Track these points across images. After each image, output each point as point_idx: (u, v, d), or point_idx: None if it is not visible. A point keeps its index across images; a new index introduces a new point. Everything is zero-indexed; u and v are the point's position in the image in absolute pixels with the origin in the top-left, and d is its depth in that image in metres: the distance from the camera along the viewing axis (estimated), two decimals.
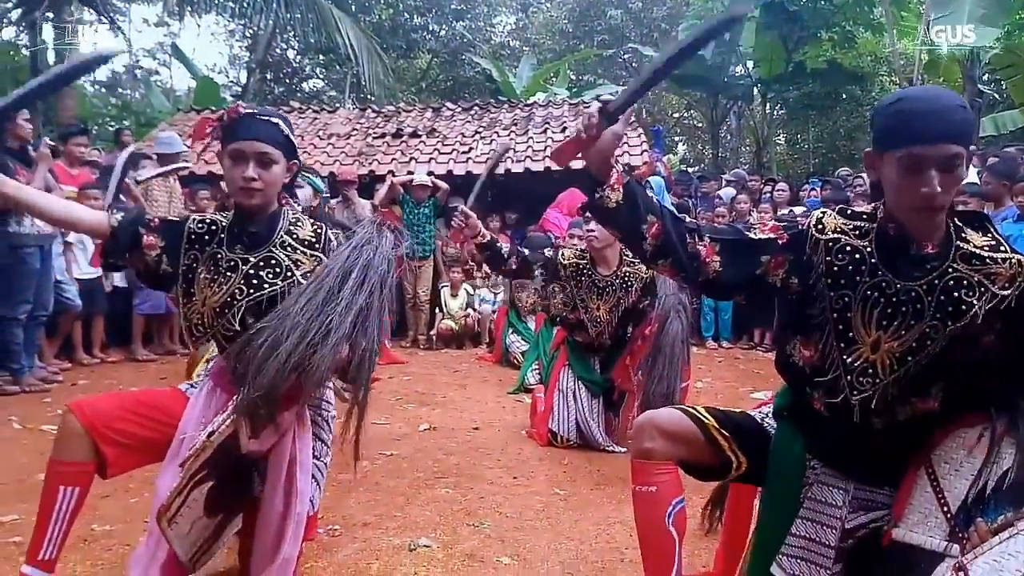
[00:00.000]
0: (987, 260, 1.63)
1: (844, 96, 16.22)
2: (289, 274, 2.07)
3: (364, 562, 2.56)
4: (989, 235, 1.67)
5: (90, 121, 12.03)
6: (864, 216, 1.73)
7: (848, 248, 1.70)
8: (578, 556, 2.65)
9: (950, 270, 1.63)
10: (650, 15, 21.29)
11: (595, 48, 20.64)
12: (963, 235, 1.66)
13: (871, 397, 1.68)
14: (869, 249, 1.69)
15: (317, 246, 2.14)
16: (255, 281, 2.07)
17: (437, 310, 8.10)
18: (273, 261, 2.10)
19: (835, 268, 1.70)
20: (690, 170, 14.98)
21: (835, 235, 1.72)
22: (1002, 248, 1.66)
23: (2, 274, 5.11)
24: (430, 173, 8.53)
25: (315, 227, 2.18)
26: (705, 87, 16.43)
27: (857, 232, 1.71)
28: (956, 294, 1.62)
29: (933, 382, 1.66)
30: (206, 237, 2.15)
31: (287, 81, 21.80)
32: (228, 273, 2.09)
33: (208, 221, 2.19)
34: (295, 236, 2.14)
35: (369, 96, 16.04)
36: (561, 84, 17.40)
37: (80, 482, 2.00)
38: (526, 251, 4.21)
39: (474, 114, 11.20)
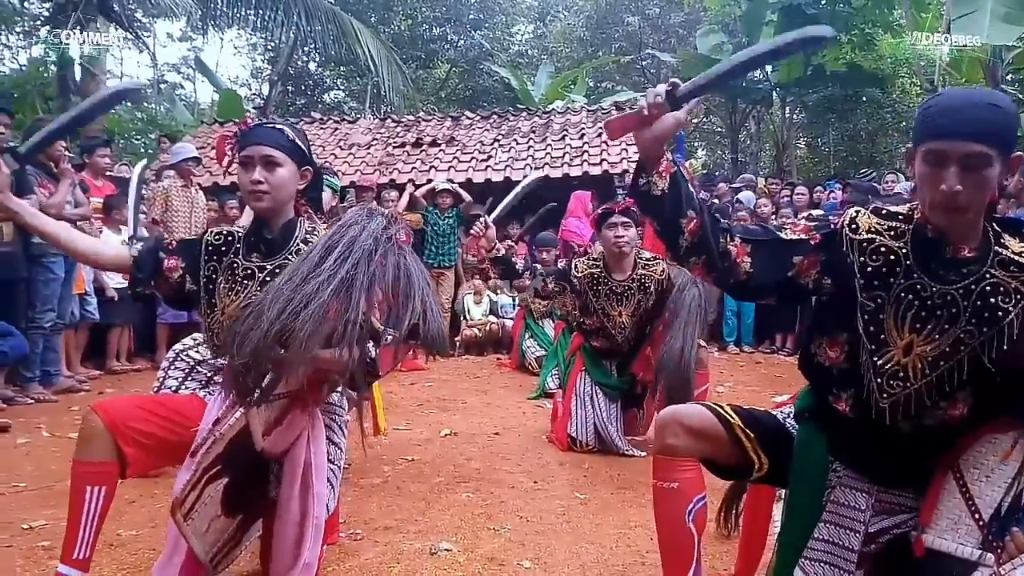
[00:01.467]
0: None
1: (864, 99, 16.07)
2: None
3: (385, 566, 2.57)
4: None
5: (115, 134, 12.21)
6: (900, 216, 1.69)
7: (883, 249, 1.66)
8: (598, 560, 2.65)
9: (987, 275, 1.59)
10: (667, 21, 21.30)
11: (613, 55, 20.70)
12: (1002, 240, 1.62)
13: (900, 401, 1.64)
14: (904, 250, 1.65)
15: None
16: None
17: (461, 318, 8.13)
18: None
19: (868, 269, 1.66)
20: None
21: (869, 235, 1.68)
22: None
23: (27, 284, 5.21)
24: (450, 181, 8.60)
25: None
26: (724, 91, 16.36)
27: (892, 233, 1.68)
28: (992, 300, 1.57)
29: (964, 388, 1.61)
30: (223, 248, 2.21)
31: (308, 93, 22.12)
32: (245, 281, 2.13)
33: (225, 232, 2.25)
34: (311, 245, 2.18)
35: (389, 106, 16.21)
36: (579, 91, 17.46)
37: (106, 481, 2.01)
38: (535, 247, 4.21)
39: (493, 122, 11.27)
